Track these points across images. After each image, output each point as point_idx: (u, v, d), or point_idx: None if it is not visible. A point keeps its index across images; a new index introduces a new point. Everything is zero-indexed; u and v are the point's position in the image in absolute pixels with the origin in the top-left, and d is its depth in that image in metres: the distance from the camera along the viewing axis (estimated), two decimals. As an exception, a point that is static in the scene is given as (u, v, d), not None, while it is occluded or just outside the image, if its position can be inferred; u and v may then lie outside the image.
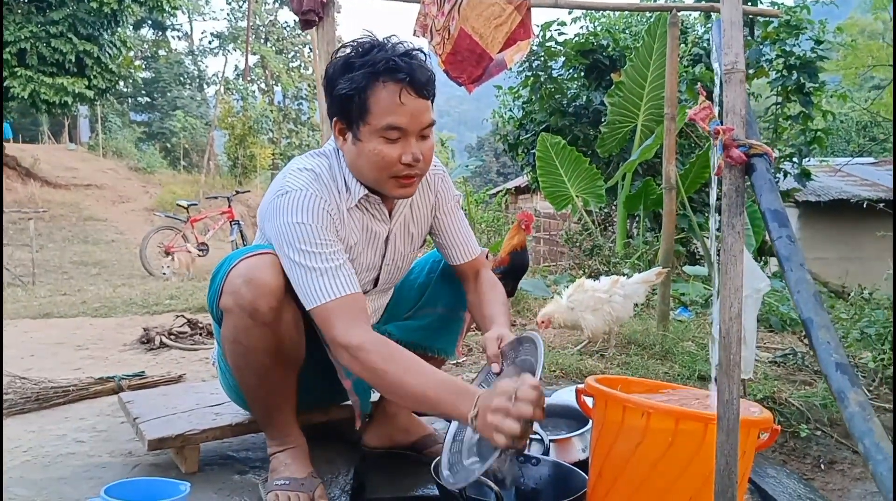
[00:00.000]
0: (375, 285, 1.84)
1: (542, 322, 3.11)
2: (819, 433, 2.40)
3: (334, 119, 1.60)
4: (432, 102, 1.60)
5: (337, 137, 1.63)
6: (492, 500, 1.52)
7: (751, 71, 8.42)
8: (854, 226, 11.82)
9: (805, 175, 8.05)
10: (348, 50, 1.56)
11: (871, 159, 15.49)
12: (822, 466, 2.31)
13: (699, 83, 7.04)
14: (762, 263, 8.15)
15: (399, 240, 1.80)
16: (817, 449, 2.36)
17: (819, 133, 7.91)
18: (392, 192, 1.64)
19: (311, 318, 1.57)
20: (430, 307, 1.98)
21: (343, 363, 1.55)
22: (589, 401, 1.71)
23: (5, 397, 2.42)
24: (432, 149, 1.64)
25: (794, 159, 7.97)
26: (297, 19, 3.12)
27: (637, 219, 7.33)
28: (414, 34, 3.28)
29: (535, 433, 1.92)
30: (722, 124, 1.07)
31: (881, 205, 5.88)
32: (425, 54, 1.58)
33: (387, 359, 1.47)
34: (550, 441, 1.93)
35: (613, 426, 1.53)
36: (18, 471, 1.87)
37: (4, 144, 17.41)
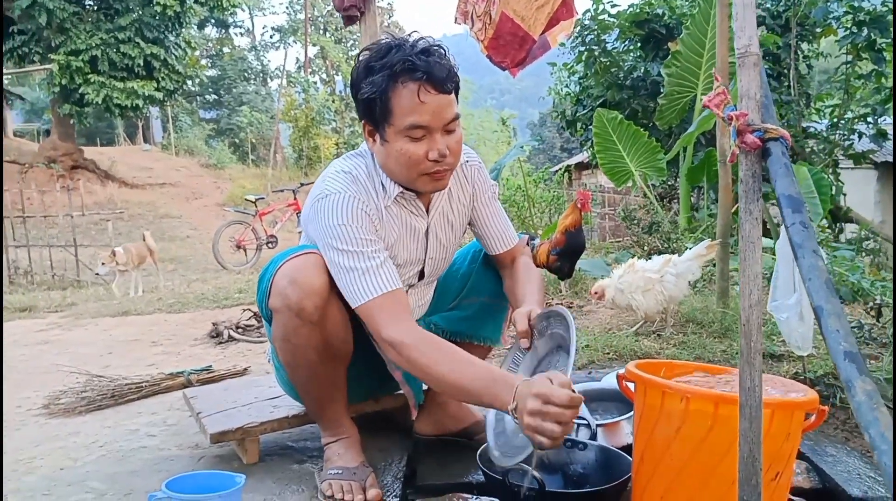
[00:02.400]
0: (421, 277, 1.88)
1: (596, 292, 3.11)
2: (884, 410, 2.32)
3: (363, 122, 1.64)
4: (456, 95, 1.61)
5: (367, 138, 1.67)
6: (534, 487, 1.54)
7: (818, 29, 8.07)
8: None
9: (881, 135, 7.68)
10: (368, 53, 1.59)
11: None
12: (888, 443, 2.23)
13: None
14: (837, 229, 7.85)
15: (440, 232, 1.84)
16: (882, 426, 2.28)
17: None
18: (424, 188, 1.67)
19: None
20: (474, 296, 2.01)
21: (390, 358, 1.62)
22: (631, 386, 1.70)
23: (83, 395, 2.58)
24: (460, 141, 1.65)
25: (869, 120, 7.62)
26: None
27: (701, 191, 7.15)
28: (455, 21, 3.30)
29: (582, 418, 1.94)
30: (736, 109, 1.06)
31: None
32: (445, 49, 1.59)
33: (428, 353, 1.52)
34: (598, 425, 1.94)
35: (653, 411, 1.53)
36: (95, 465, 2.00)
37: (81, 148, 18.24)
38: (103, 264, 6.94)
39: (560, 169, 13.71)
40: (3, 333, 1.92)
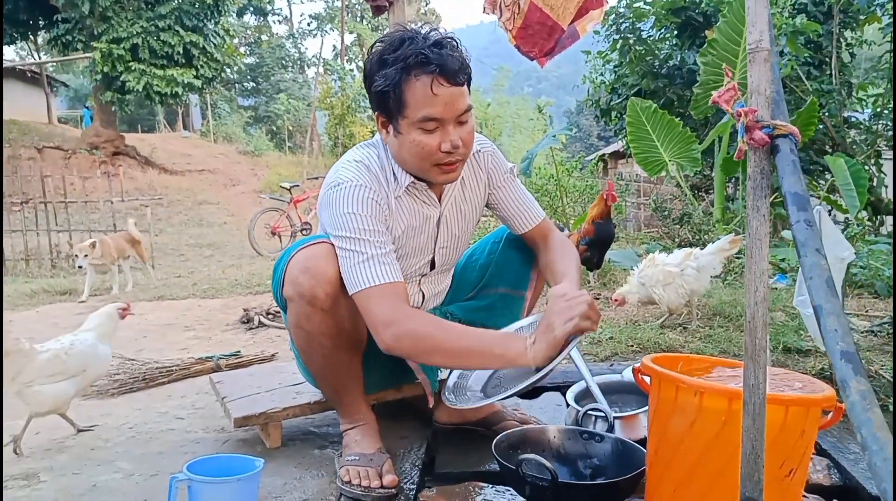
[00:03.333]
0: (433, 267, 1.90)
1: (616, 300, 3.09)
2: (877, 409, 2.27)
3: (376, 113, 1.67)
4: (468, 86, 1.63)
5: (380, 129, 1.69)
6: (546, 477, 1.56)
7: (862, 17, 7.87)
8: None
9: (926, 125, 7.47)
10: (381, 45, 1.61)
11: None
12: (915, 441, 2.20)
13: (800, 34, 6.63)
14: (878, 222, 7.67)
15: (452, 221, 1.85)
16: (909, 424, 2.25)
17: (940, 79, 7.32)
18: (437, 178, 1.69)
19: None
20: (492, 287, 2.02)
21: (387, 344, 1.59)
22: (648, 380, 1.70)
23: (116, 378, 2.66)
24: (472, 132, 1.68)
25: (915, 109, 7.42)
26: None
27: (738, 181, 7.04)
28: (483, 11, 3.29)
29: (600, 410, 1.95)
30: (746, 105, 1.05)
31: None
32: (457, 41, 1.61)
33: (426, 324, 1.59)
34: (616, 417, 1.94)
35: (667, 405, 1.53)
36: (124, 446, 2.07)
37: (123, 135, 18.60)
38: (85, 255, 5.79)
39: (593, 158, 13.56)
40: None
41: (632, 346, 2.79)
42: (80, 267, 5.84)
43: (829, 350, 0.81)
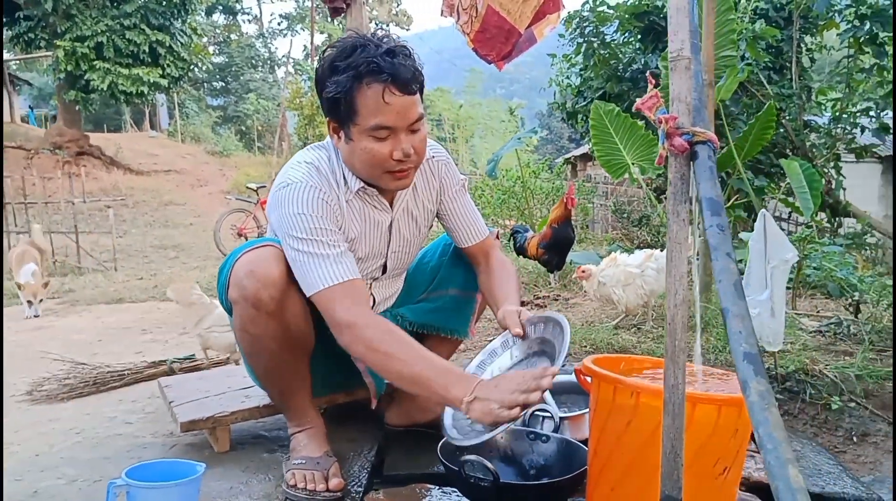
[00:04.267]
0: (384, 271, 1.91)
1: (583, 271, 3.16)
2: (853, 404, 2.34)
3: (328, 119, 1.67)
4: (421, 94, 1.63)
5: (332, 134, 1.69)
6: (488, 478, 1.57)
7: (821, 22, 8.02)
8: (943, 180, 11.13)
9: (884, 129, 7.63)
10: (333, 51, 1.61)
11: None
12: (855, 438, 2.26)
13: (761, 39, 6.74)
14: (836, 224, 7.83)
15: (403, 227, 1.86)
16: (850, 421, 2.30)
17: (897, 84, 7.49)
18: (388, 185, 1.70)
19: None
20: (443, 289, 2.04)
21: (344, 343, 1.60)
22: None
23: (66, 382, 2.62)
24: (424, 140, 1.68)
25: (872, 114, 7.57)
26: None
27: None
28: (441, 14, 3.30)
29: (547, 410, 1.97)
30: (668, 112, 1.07)
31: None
32: (409, 49, 1.61)
33: (385, 336, 1.56)
34: (562, 418, 1.97)
35: (606, 405, 1.55)
36: (70, 451, 2.04)
37: (87, 134, 18.31)
38: (41, 300, 4.72)
39: (561, 161, 13.66)
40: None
41: (585, 347, 2.82)
42: (35, 316, 4.65)
43: (733, 351, 0.83)
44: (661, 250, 3.13)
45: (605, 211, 11.88)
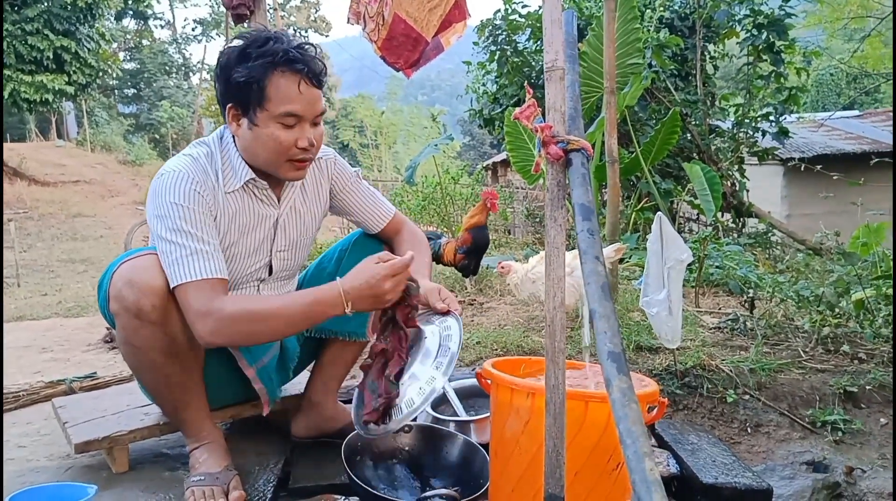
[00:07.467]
0: (271, 272, 1.88)
1: (503, 267, 3.21)
2: (747, 397, 2.45)
3: (228, 105, 1.66)
4: (322, 91, 1.68)
5: (230, 122, 1.69)
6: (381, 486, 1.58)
7: (722, 31, 8.39)
8: (840, 180, 11.79)
9: (783, 133, 8.04)
10: (244, 41, 1.63)
11: (856, 112, 15.42)
12: (749, 429, 2.37)
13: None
14: (741, 224, 8.19)
15: (290, 225, 1.86)
16: (744, 413, 2.41)
17: (794, 91, 7.91)
18: (286, 174, 1.71)
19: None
20: None
21: (205, 338, 1.57)
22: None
23: (-48, 406, 2.48)
24: (323, 135, 1.73)
25: (771, 118, 7.97)
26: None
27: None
28: (348, 22, 3.29)
29: (454, 413, 2.00)
30: (544, 121, 1.11)
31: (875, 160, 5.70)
32: (316, 48, 1.67)
33: (239, 302, 1.64)
34: (468, 421, 1.99)
35: (504, 408, 1.58)
36: (-46, 479, 1.93)
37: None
38: None
39: (479, 167, 13.83)
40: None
41: (496, 350, 2.86)
42: None
43: (598, 350, 0.86)
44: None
45: (523, 216, 12.11)
